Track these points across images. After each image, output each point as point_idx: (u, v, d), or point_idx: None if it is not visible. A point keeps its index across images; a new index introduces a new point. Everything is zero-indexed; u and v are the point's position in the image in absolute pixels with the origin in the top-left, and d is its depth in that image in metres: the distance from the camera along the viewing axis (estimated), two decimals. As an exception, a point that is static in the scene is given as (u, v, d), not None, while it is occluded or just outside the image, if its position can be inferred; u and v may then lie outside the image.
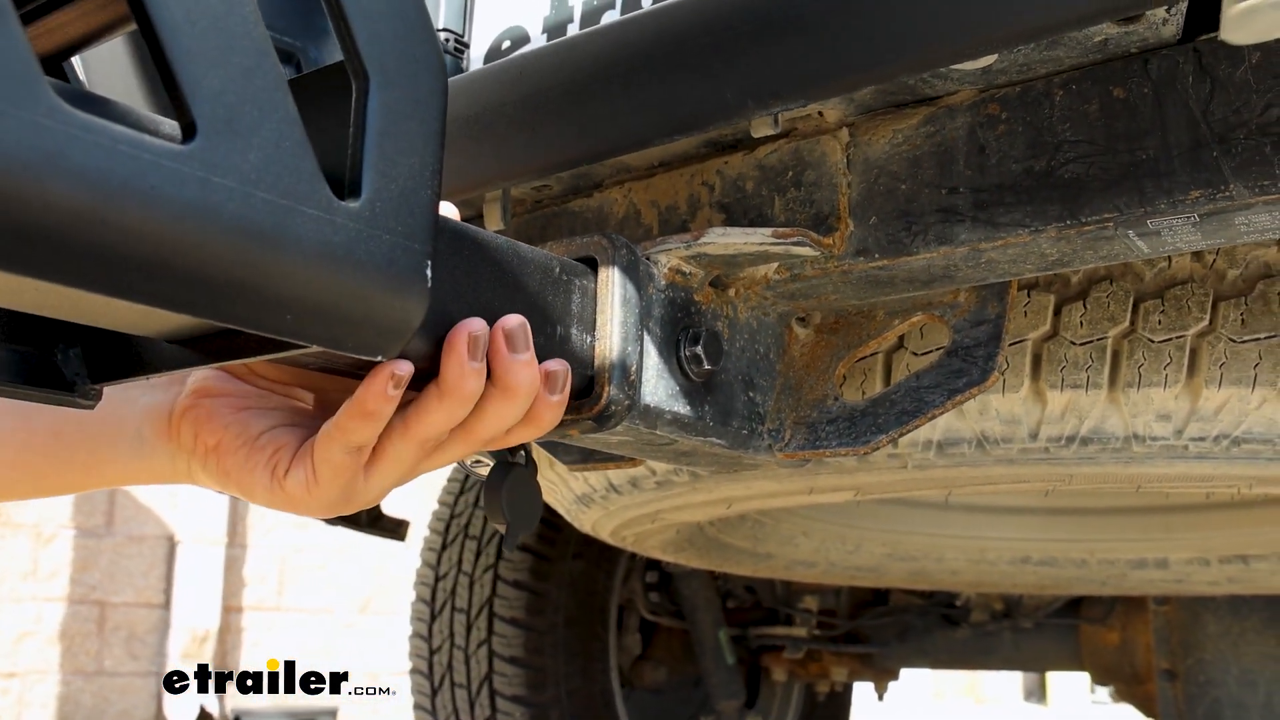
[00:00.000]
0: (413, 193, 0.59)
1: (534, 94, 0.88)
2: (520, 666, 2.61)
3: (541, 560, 2.65)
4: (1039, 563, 2.12)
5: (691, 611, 2.91)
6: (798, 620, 3.03)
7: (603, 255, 0.84)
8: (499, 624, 2.64)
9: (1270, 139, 0.74)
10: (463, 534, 2.78)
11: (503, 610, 2.64)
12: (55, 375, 0.76)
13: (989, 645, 2.78)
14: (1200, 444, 1.04)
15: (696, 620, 2.91)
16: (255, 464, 0.75)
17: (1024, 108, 0.84)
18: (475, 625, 2.68)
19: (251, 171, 0.51)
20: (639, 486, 1.37)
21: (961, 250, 0.85)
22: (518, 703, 2.62)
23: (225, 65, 0.51)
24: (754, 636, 3.12)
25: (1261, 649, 2.29)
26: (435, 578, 2.79)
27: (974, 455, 1.11)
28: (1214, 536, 1.96)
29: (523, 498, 0.98)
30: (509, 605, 2.64)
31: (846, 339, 1.00)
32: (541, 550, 2.66)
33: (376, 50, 0.58)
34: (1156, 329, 1.01)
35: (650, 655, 3.00)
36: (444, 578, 2.77)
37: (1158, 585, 2.12)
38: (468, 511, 2.80)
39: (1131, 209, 0.78)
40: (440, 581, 2.79)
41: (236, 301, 0.53)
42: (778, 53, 0.75)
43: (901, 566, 2.18)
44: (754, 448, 0.96)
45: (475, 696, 2.69)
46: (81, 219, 0.46)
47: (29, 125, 0.44)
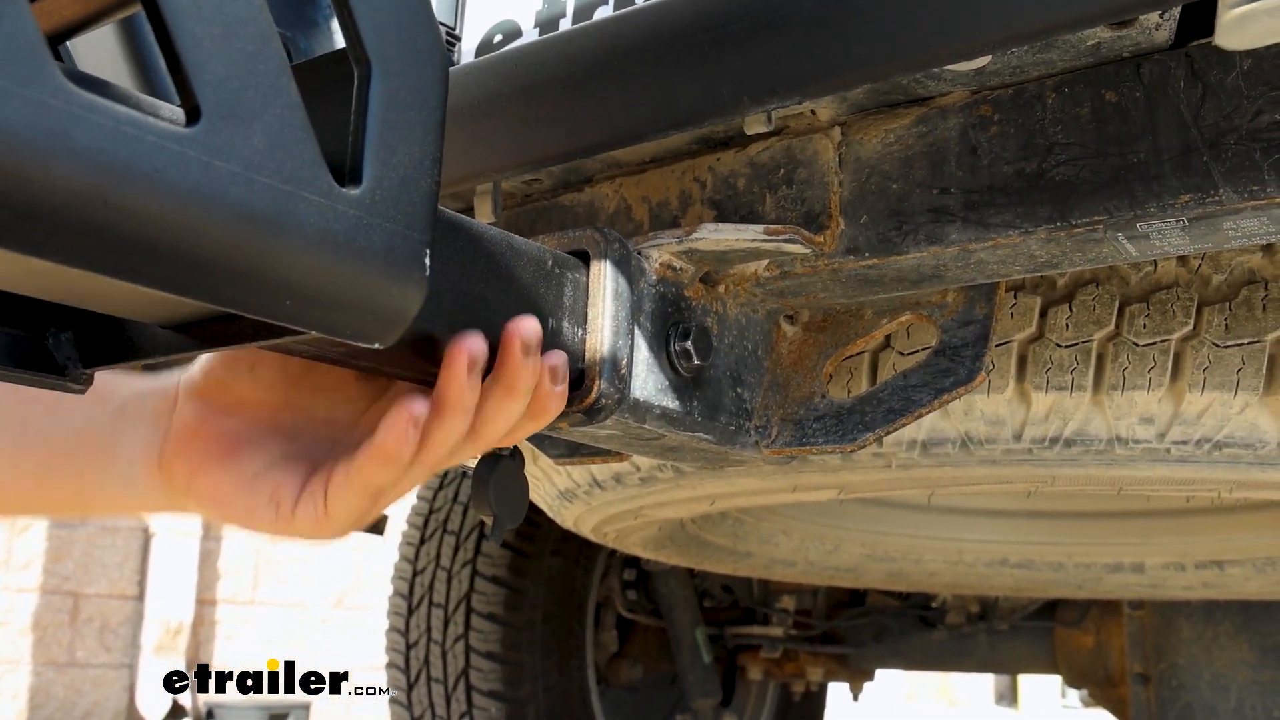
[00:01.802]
0: (413, 182, 0.59)
1: (526, 88, 0.88)
2: (497, 662, 2.61)
3: (520, 556, 2.65)
4: (1016, 565, 2.13)
5: (669, 610, 2.92)
6: (774, 620, 3.04)
7: (595, 249, 0.84)
8: (476, 619, 2.64)
9: (1260, 145, 0.75)
10: (441, 529, 2.78)
11: (480, 606, 2.64)
12: (46, 359, 0.75)
13: (964, 647, 2.80)
14: (1182, 447, 1.05)
15: (674, 618, 2.92)
16: (256, 505, 0.74)
17: (1016, 110, 0.85)
18: (453, 620, 2.68)
19: (254, 156, 0.51)
20: (623, 482, 1.37)
21: (952, 250, 0.86)
22: (494, 698, 2.62)
23: (230, 50, 0.51)
24: (730, 635, 3.12)
25: (1234, 654, 2.31)
26: (413, 572, 2.79)
27: (958, 455, 1.12)
28: (1190, 542, 1.98)
29: (510, 490, 0.98)
30: (487, 601, 2.64)
31: (834, 337, 1.01)
32: (520, 546, 2.66)
33: (379, 39, 0.58)
34: (1141, 333, 1.02)
35: (626, 653, 3.01)
36: (422, 572, 2.77)
37: (1133, 589, 2.14)
38: (447, 506, 2.80)
39: (1121, 212, 0.79)
40: (418, 576, 2.78)
41: (236, 286, 0.53)
42: (774, 50, 0.76)
43: (880, 567, 2.19)
44: (741, 444, 0.97)
45: (452, 691, 2.68)
46: (84, 199, 0.46)
47: (34, 104, 0.44)
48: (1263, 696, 2.28)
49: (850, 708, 3.89)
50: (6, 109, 0.43)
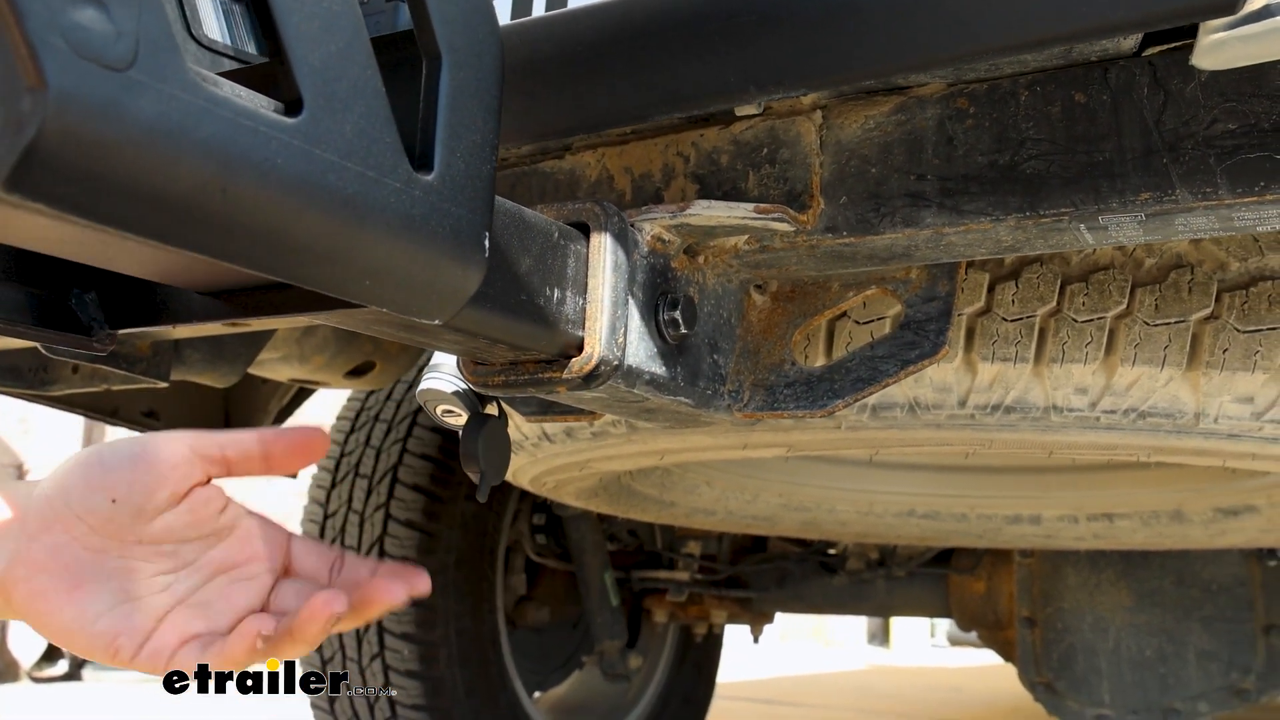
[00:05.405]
0: (475, 167, 0.62)
1: (532, 62, 0.91)
2: (410, 605, 2.63)
3: (434, 500, 2.67)
4: (923, 516, 2.25)
5: (579, 554, 2.98)
6: (680, 564, 3.13)
7: (595, 222, 0.88)
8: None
9: (1214, 151, 0.82)
10: (353, 472, 2.78)
11: (394, 550, 2.65)
12: (69, 318, 0.77)
13: (863, 592, 2.93)
14: (1111, 416, 1.14)
15: (583, 562, 2.98)
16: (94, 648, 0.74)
17: (991, 105, 0.91)
18: (365, 564, 2.69)
19: (347, 145, 0.54)
20: (574, 436, 1.42)
21: (925, 233, 0.92)
22: (407, 640, 2.65)
23: (328, 42, 0.53)
24: (637, 579, 3.21)
25: (1114, 599, 2.47)
26: (324, 515, 2.79)
27: (905, 419, 1.20)
28: (1084, 496, 2.11)
29: (495, 447, 1.02)
30: (400, 545, 2.65)
31: (802, 307, 1.07)
32: (434, 490, 2.68)
33: (448, 30, 0.61)
34: (1080, 310, 1.10)
35: (533, 596, 3.06)
36: (333, 515, 2.77)
37: (1030, 540, 2.28)
38: (359, 450, 2.80)
39: (1087, 205, 0.86)
40: (329, 519, 2.78)
41: (324, 267, 0.56)
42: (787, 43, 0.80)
43: (795, 517, 2.29)
44: (715, 407, 1.02)
45: (363, 634, 2.70)
46: (205, 189, 0.49)
47: (168, 98, 0.46)
48: (1138, 637, 2.45)
49: (733, 649, 4.02)
50: (143, 102, 0.46)
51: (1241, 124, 0.81)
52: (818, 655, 10.58)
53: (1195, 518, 1.98)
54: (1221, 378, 1.09)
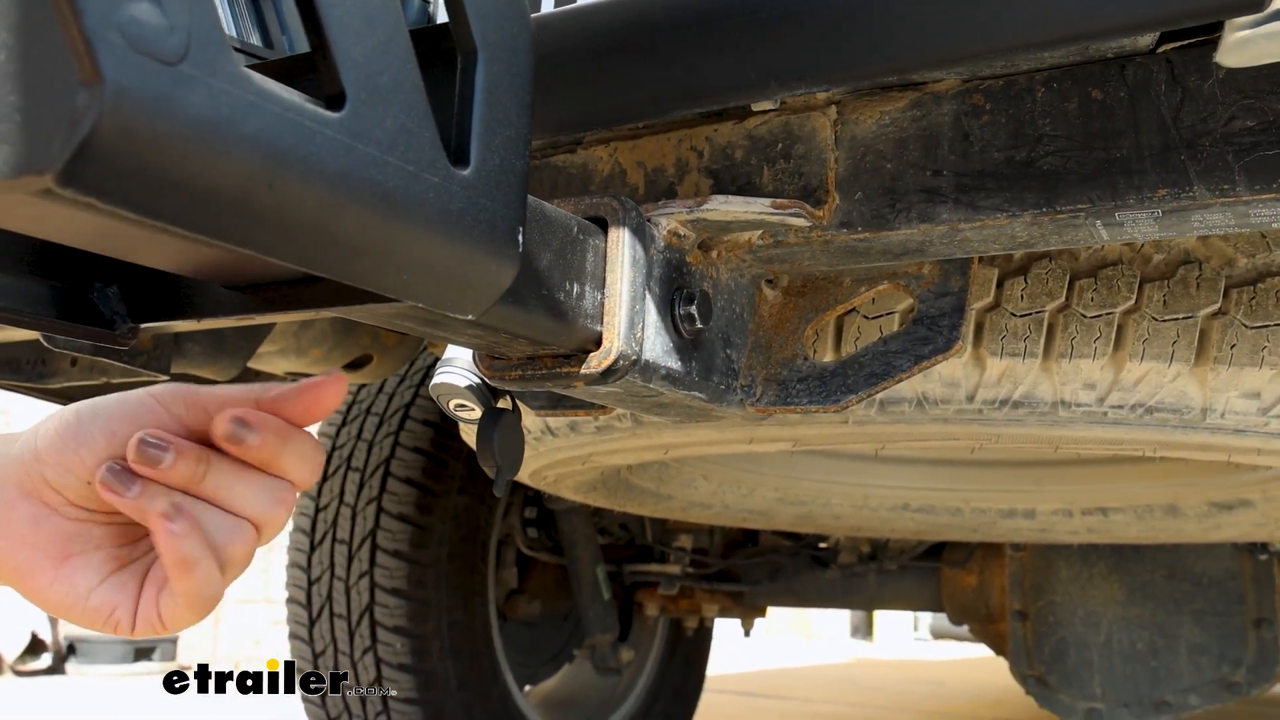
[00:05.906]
0: (509, 163, 0.62)
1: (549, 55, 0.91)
2: (403, 599, 2.63)
3: (426, 494, 2.67)
4: (918, 510, 2.26)
5: (570, 547, 2.98)
6: (672, 558, 3.14)
7: (613, 217, 0.88)
8: (382, 556, 2.66)
9: (1232, 148, 0.83)
10: (345, 465, 2.77)
11: (386, 543, 2.65)
12: (91, 312, 0.76)
13: (855, 586, 2.94)
14: (1118, 411, 1.15)
15: (575, 556, 2.98)
16: (92, 621, 0.74)
17: (1007, 101, 0.91)
18: (357, 557, 2.69)
19: (387, 139, 0.54)
20: (578, 430, 1.42)
21: (941, 229, 0.92)
22: (399, 634, 2.65)
23: (370, 36, 0.53)
24: (629, 573, 3.21)
25: (1106, 592, 2.49)
26: (315, 508, 2.79)
27: (912, 414, 1.20)
28: (1079, 490, 2.12)
29: (511, 442, 1.02)
30: (392, 538, 2.65)
31: (814, 302, 1.07)
32: (427, 484, 2.68)
33: (482, 25, 0.61)
34: (1089, 305, 1.11)
35: (525, 589, 3.07)
36: (325, 509, 2.77)
37: (1024, 534, 2.29)
38: (351, 443, 2.79)
39: (1103, 202, 0.87)
40: (321, 512, 2.78)
41: (363, 261, 0.56)
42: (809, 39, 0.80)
43: (790, 510, 2.29)
44: (728, 402, 1.03)
45: (355, 627, 2.70)
46: (252, 183, 0.48)
47: (218, 93, 0.46)
48: (1129, 630, 2.47)
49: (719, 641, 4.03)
50: (194, 96, 0.45)
51: (1260, 121, 0.81)
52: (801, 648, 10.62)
53: (1190, 512, 2.00)
54: (1229, 373, 1.09)
